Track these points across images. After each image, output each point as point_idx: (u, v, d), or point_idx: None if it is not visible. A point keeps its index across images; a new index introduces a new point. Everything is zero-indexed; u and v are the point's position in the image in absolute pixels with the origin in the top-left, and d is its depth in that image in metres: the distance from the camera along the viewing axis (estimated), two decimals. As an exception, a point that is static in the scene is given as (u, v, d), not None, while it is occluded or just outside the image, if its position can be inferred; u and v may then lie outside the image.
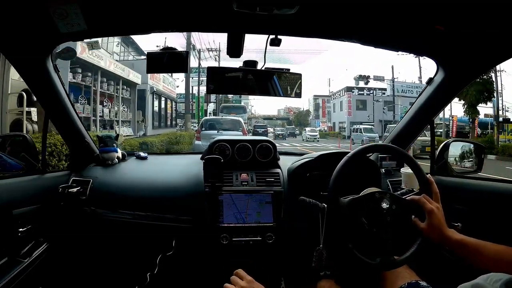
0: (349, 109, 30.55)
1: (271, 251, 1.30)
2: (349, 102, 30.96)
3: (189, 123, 13.91)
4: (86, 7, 0.83)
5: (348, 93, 31.55)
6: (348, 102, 31.00)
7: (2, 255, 1.03)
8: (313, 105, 46.00)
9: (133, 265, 1.35)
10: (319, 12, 0.88)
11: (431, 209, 0.79)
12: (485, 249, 0.71)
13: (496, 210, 1.04)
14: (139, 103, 14.15)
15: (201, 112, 18.73)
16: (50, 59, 1.10)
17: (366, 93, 30.46)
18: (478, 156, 1.36)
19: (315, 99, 45.86)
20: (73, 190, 1.27)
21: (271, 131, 32.36)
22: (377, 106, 27.06)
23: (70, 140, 1.42)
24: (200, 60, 18.54)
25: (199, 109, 19.11)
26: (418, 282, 0.87)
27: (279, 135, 25.88)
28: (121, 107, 12.63)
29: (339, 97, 34.72)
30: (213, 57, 18.67)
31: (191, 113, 15.34)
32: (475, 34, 0.90)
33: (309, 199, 1.13)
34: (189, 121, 14.00)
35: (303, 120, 43.25)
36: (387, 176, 1.44)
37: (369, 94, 29.95)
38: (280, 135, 26.03)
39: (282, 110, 55.81)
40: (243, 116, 15.29)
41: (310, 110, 46.35)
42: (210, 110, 20.22)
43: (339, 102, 34.46)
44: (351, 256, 0.82)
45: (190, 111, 14.92)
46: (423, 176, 0.86)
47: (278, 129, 30.53)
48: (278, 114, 53.04)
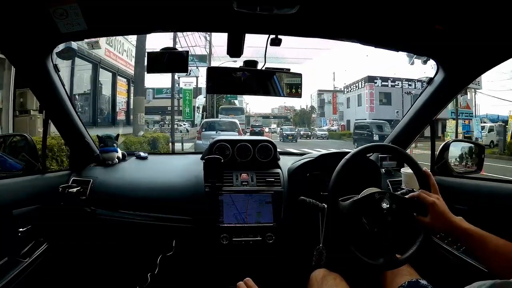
0: (371, 104, 24.21)
1: (271, 251, 1.30)
2: (371, 95, 24.39)
3: (140, 117, 8.32)
4: (86, 7, 0.83)
5: (369, 84, 24.77)
6: (370, 95, 24.44)
7: (2, 255, 1.02)
8: (318, 101, 39.57)
9: (133, 265, 1.35)
10: (319, 12, 0.88)
11: (432, 201, 0.78)
12: (489, 241, 0.71)
13: (496, 210, 1.04)
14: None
15: (189, 108, 16.34)
16: (50, 59, 1.10)
17: (390, 84, 24.48)
18: (478, 156, 1.36)
19: (319, 94, 39.66)
20: (73, 190, 1.27)
21: (272, 130, 30.36)
22: (406, 100, 20.65)
23: (70, 140, 1.42)
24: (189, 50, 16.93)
25: (187, 103, 16.18)
26: (418, 280, 0.87)
27: (288, 136, 19.51)
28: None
29: (355, 89, 28.02)
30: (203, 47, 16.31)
31: (176, 110, 12.65)
32: (475, 34, 0.90)
33: (309, 199, 1.13)
34: (140, 112, 8.34)
35: (306, 119, 37.84)
36: (387, 176, 1.44)
37: (394, 86, 24.43)
38: (289, 136, 19.57)
39: (276, 109, 51.09)
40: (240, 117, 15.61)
41: (315, 107, 40.15)
42: (198, 104, 17.96)
43: (356, 96, 27.74)
44: (352, 257, 0.82)
45: (176, 107, 12.43)
46: (421, 172, 0.86)
47: (286, 127, 23.44)
48: (272, 113, 49.21)
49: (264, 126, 25.44)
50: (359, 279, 0.98)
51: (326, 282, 0.91)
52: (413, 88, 22.34)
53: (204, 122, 9.99)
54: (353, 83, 28.68)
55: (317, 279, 0.94)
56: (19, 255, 1.09)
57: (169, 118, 15.18)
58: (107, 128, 8.46)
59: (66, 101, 1.26)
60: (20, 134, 1.33)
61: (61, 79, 1.20)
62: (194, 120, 18.72)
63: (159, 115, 26.28)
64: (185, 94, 16.43)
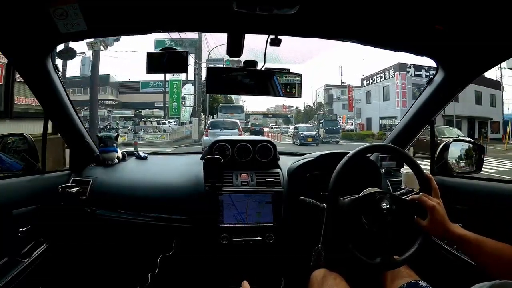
0: (403, 97, 19.45)
1: (271, 251, 1.30)
2: (403, 86, 19.64)
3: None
4: (86, 7, 0.83)
5: (401, 73, 19.93)
6: (401, 87, 19.65)
7: (2, 255, 1.02)
8: (326, 97, 34.31)
9: (134, 265, 1.35)
10: (319, 12, 0.88)
11: (432, 205, 0.78)
12: (486, 245, 0.71)
13: (496, 210, 1.04)
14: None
15: (177, 103, 13.89)
16: (50, 59, 1.10)
17: (424, 74, 19.33)
18: (478, 156, 1.36)
19: (326, 89, 34.13)
20: (73, 190, 1.27)
21: (274, 129, 26.49)
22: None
23: (70, 140, 1.42)
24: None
25: (174, 97, 13.70)
26: (418, 282, 0.87)
27: (306, 138, 14.55)
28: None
29: (379, 81, 22.59)
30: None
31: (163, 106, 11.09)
32: (475, 34, 0.90)
33: (309, 199, 1.13)
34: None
35: (313, 117, 32.20)
36: (387, 176, 1.44)
37: (428, 77, 13.81)
38: (309, 138, 14.52)
39: (272, 108, 46.36)
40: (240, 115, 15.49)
41: (322, 103, 35.03)
42: (185, 94, 15.16)
43: (380, 89, 22.47)
44: (351, 256, 0.82)
45: (161, 103, 10.94)
46: (422, 174, 0.86)
47: (303, 126, 17.98)
48: (268, 112, 45.02)
49: (263, 126, 23.56)
50: (359, 279, 0.98)
51: (326, 282, 0.91)
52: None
53: (210, 122, 11.80)
54: (376, 73, 23.18)
55: (317, 279, 0.95)
56: (19, 255, 1.09)
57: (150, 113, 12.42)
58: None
59: (66, 101, 1.26)
60: (20, 134, 1.33)
61: (61, 79, 1.20)
62: (181, 117, 15.95)
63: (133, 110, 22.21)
64: (172, 86, 13.98)
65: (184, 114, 16.40)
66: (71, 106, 1.30)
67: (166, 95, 15.51)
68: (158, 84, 20.01)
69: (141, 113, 21.82)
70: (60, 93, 1.21)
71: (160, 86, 18.09)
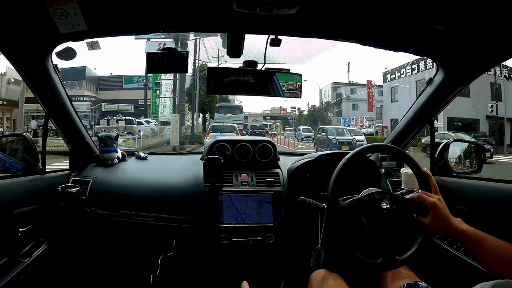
0: None
1: (271, 251, 1.30)
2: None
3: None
4: (86, 7, 0.83)
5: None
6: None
7: (2, 255, 1.03)
8: (334, 96, 30.76)
9: (134, 265, 1.35)
10: (318, 12, 0.88)
11: (433, 202, 0.77)
12: (486, 242, 0.71)
13: (496, 210, 1.03)
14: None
15: (154, 100, 11.41)
16: (50, 59, 1.10)
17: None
18: (478, 156, 1.36)
19: (334, 88, 30.84)
20: (73, 190, 1.27)
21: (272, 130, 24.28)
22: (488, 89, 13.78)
23: (70, 140, 1.42)
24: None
25: (157, 96, 11.53)
26: (418, 283, 0.87)
27: (341, 146, 10.40)
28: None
29: (410, 74, 18.76)
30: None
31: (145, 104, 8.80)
32: (475, 34, 0.90)
33: (309, 199, 1.13)
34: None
35: (320, 118, 29.38)
36: (387, 176, 1.44)
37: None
38: (346, 147, 10.04)
39: (268, 110, 39.23)
40: (239, 116, 15.19)
41: (330, 103, 31.10)
42: (165, 84, 12.40)
43: (412, 83, 18.39)
44: (352, 257, 0.82)
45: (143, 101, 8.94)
46: (421, 172, 0.86)
47: (331, 128, 13.51)
48: (263, 114, 38.44)
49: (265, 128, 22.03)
50: (359, 280, 0.98)
51: (326, 283, 0.91)
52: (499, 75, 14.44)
53: (211, 126, 12.36)
54: (406, 64, 19.11)
55: (317, 279, 0.94)
56: (19, 255, 1.09)
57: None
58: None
59: (66, 101, 1.26)
60: (20, 134, 1.33)
61: (61, 79, 1.20)
62: (159, 114, 12.92)
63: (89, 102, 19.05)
64: (156, 79, 11.48)
65: (163, 110, 12.80)
66: (71, 106, 1.30)
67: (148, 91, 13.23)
68: (144, 79, 17.63)
69: (101, 108, 17.28)
70: (60, 93, 1.22)
71: (132, 80, 16.00)
